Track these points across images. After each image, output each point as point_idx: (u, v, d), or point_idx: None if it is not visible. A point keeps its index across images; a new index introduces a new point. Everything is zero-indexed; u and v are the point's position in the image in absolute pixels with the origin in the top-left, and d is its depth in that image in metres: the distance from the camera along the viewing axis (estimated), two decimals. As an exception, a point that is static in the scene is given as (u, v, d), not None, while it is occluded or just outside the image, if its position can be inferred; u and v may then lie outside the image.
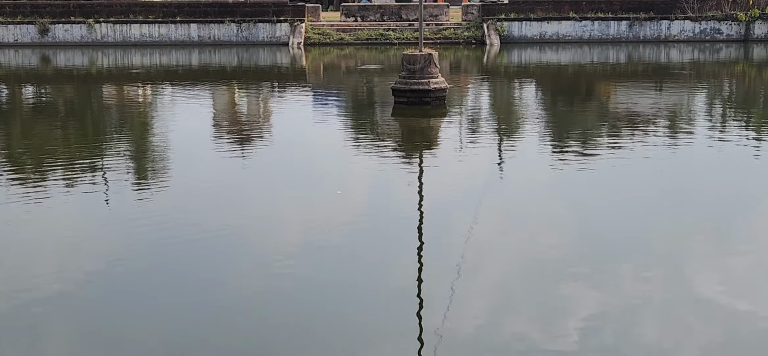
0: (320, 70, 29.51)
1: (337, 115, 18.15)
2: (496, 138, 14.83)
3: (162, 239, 8.65)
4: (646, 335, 6.21)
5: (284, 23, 36.14)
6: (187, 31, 36.39)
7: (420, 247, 8.30)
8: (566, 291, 7.07)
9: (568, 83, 25.11)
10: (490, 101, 21.14)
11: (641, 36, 36.45)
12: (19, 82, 25.77)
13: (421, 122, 16.49)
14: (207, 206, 9.98)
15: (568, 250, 8.24)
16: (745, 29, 36.37)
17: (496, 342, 6.18)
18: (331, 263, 7.87)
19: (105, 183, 11.14)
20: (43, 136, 15.58)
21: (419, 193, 10.55)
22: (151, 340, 6.28)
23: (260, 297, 7.10)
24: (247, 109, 20.04)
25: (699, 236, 8.78)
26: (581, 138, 14.79)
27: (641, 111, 17.78)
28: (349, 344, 6.16)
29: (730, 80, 25.81)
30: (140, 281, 7.48)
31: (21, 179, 11.71)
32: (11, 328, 6.47)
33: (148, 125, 17.09)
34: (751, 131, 15.68)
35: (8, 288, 7.27)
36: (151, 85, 24.29)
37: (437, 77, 17.64)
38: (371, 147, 13.82)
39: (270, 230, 9.09)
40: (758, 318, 6.56)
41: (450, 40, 35.79)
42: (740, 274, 7.57)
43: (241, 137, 14.89)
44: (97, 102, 21.43)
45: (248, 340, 6.24)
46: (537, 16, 36.50)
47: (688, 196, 10.41)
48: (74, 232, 9.01)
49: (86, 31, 36.17)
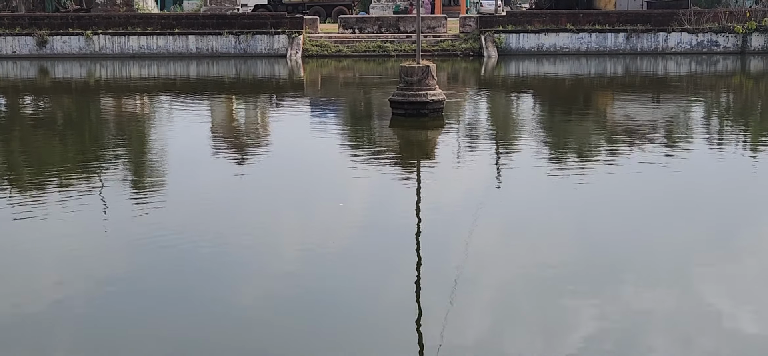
0: (318, 82, 29.53)
1: (335, 127, 18.15)
2: (494, 150, 14.83)
3: (162, 251, 8.63)
4: (649, 348, 6.19)
5: (282, 35, 36.15)
6: (185, 43, 36.39)
7: (418, 259, 8.29)
8: (567, 304, 7.06)
9: (566, 95, 25.14)
10: (488, 113, 21.16)
11: (638, 48, 36.50)
12: (18, 94, 25.75)
13: (418, 134, 16.49)
14: (205, 219, 9.96)
15: (568, 262, 8.23)
16: (742, 41, 36.43)
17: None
18: (330, 276, 7.86)
19: (102, 196, 11.12)
20: (41, 148, 15.56)
21: (417, 205, 10.55)
22: (152, 351, 6.26)
23: (259, 309, 7.08)
24: (245, 121, 20.04)
25: (700, 246, 8.77)
26: (579, 150, 14.80)
27: (639, 122, 17.80)
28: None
29: (728, 92, 25.86)
30: (140, 293, 7.46)
31: (19, 191, 11.68)
32: (11, 340, 6.44)
33: (147, 138, 17.08)
34: (749, 142, 15.71)
35: (8, 301, 7.24)
36: (149, 97, 24.28)
37: (435, 89, 17.65)
38: (369, 159, 13.82)
39: (268, 243, 9.08)
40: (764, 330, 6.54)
41: (448, 52, 35.83)
42: (744, 285, 7.56)
43: (240, 150, 14.88)
44: (96, 114, 21.42)
45: (247, 352, 6.22)
46: (534, 28, 36.55)
47: (688, 206, 10.41)
48: (73, 245, 8.97)
49: (84, 43, 36.15)
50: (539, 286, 7.53)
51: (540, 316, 6.82)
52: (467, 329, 6.58)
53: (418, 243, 8.87)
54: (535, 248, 8.68)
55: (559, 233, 9.25)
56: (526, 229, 9.47)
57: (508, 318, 6.84)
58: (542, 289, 7.43)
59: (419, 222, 9.70)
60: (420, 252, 8.53)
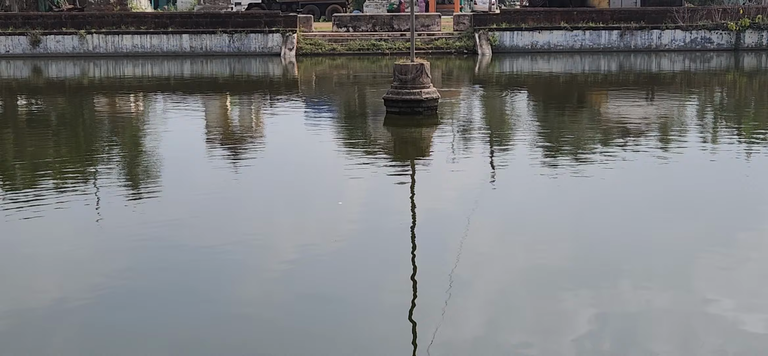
0: (312, 81, 29.51)
1: (329, 125, 18.14)
2: (489, 148, 14.84)
3: (159, 252, 8.62)
4: (646, 347, 6.19)
5: (276, 34, 36.11)
6: (178, 42, 36.32)
7: (413, 258, 8.29)
8: (563, 302, 7.07)
9: (560, 93, 25.17)
10: (482, 111, 21.17)
11: (632, 46, 36.57)
12: (11, 93, 25.68)
13: (413, 132, 16.49)
14: (201, 219, 9.95)
15: (564, 259, 8.24)
16: (736, 38, 36.53)
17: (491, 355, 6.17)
18: (325, 275, 7.86)
19: (97, 196, 11.10)
20: (35, 148, 15.51)
21: (412, 203, 10.54)
22: (151, 351, 6.25)
23: (255, 308, 7.07)
24: (239, 120, 20.02)
25: (698, 244, 8.78)
26: (574, 147, 14.82)
27: (633, 120, 17.83)
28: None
29: (722, 89, 25.92)
30: (138, 293, 7.44)
31: (14, 192, 11.65)
32: (10, 343, 6.43)
33: (142, 137, 17.05)
34: (743, 138, 15.75)
35: (8, 302, 7.23)
36: (143, 97, 24.24)
37: (429, 87, 17.66)
38: (363, 158, 13.81)
39: (262, 243, 9.06)
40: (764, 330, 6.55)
41: (442, 50, 35.84)
42: (742, 282, 7.58)
43: (234, 149, 14.86)
44: (90, 114, 21.37)
45: (244, 351, 6.22)
46: (528, 26, 36.58)
47: (684, 203, 10.42)
48: (69, 246, 8.95)
49: (78, 42, 36.06)
50: (535, 284, 7.54)
51: (536, 315, 6.83)
52: (464, 327, 6.59)
53: (414, 242, 8.87)
54: (530, 247, 8.69)
55: (554, 231, 9.25)
56: (521, 227, 9.48)
57: (504, 316, 6.84)
58: (538, 287, 7.44)
59: (414, 221, 9.70)
60: (415, 251, 8.53)
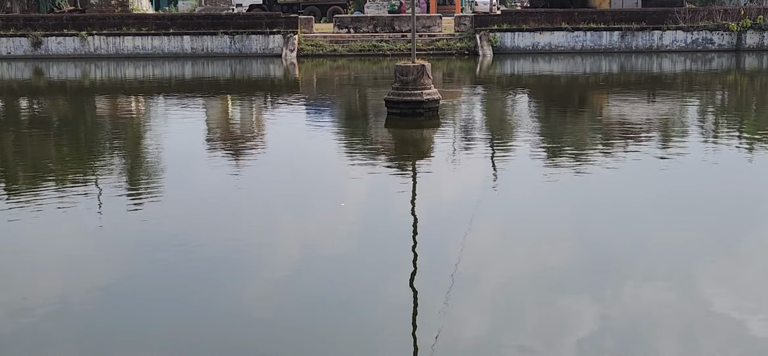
0: (313, 82, 29.51)
1: (330, 126, 18.14)
2: (490, 149, 14.84)
3: (160, 252, 8.62)
4: (648, 347, 6.18)
5: (277, 35, 36.11)
6: (180, 44, 36.33)
7: (415, 258, 8.29)
8: (564, 302, 7.07)
9: (561, 94, 25.16)
10: (484, 112, 21.16)
11: (633, 46, 36.54)
12: (13, 94, 25.69)
13: (414, 134, 16.49)
14: (202, 219, 9.95)
15: (565, 260, 8.24)
16: (737, 39, 36.50)
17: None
18: (327, 276, 7.86)
19: (99, 198, 11.10)
20: (36, 150, 15.52)
21: (413, 204, 10.54)
22: (151, 352, 6.26)
23: (253, 311, 7.07)
24: (240, 121, 20.02)
25: (699, 245, 8.77)
26: (575, 148, 14.81)
27: (635, 120, 17.82)
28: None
29: (723, 89, 25.90)
30: (138, 294, 7.44)
31: (15, 194, 11.66)
32: (10, 343, 6.43)
33: (143, 139, 17.05)
34: (745, 139, 15.73)
35: (7, 303, 7.23)
36: (144, 98, 24.24)
37: (430, 88, 17.65)
38: (364, 159, 13.81)
39: (263, 244, 9.07)
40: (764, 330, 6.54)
41: (443, 51, 35.82)
42: (744, 283, 7.57)
43: (235, 150, 14.86)
44: (91, 115, 21.37)
45: (245, 352, 6.23)
46: (529, 27, 36.56)
47: (686, 204, 10.41)
48: (70, 246, 8.96)
49: (79, 43, 36.08)
50: (537, 285, 7.54)
51: (538, 316, 6.82)
52: (465, 328, 6.58)
53: (415, 243, 8.87)
54: (532, 247, 8.68)
55: (556, 232, 9.25)
56: (523, 228, 9.47)
57: (505, 317, 6.84)
58: (540, 288, 7.44)
59: (415, 222, 9.70)
60: (417, 251, 8.53)
